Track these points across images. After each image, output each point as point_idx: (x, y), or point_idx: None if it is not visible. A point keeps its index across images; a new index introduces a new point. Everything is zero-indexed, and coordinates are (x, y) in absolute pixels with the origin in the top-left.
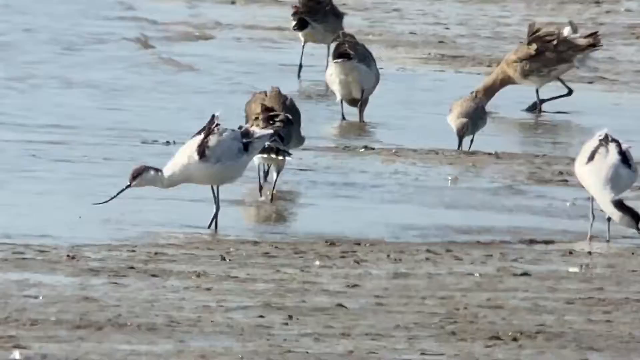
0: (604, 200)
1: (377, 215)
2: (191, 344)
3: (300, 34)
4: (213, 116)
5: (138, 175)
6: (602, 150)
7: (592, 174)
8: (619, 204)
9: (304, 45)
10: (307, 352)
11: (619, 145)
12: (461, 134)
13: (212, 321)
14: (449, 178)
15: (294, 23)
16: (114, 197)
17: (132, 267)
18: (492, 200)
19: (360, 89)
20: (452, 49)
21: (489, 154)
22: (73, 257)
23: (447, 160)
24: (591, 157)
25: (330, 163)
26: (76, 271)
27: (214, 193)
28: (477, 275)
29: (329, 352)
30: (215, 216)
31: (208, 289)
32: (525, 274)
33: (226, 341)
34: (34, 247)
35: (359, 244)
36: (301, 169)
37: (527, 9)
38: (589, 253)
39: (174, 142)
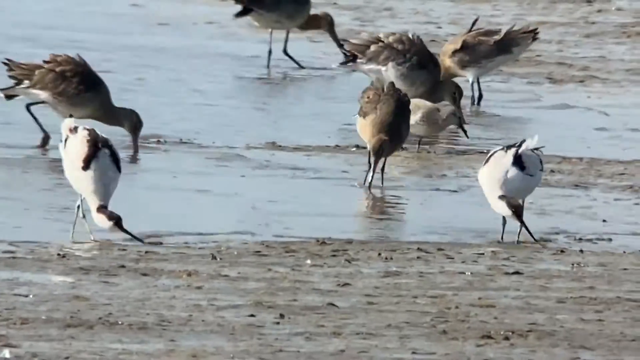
0: (492, 199)
1: (367, 214)
2: (182, 343)
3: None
4: None
5: None
6: (499, 154)
7: (486, 176)
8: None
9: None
10: (299, 352)
11: (516, 150)
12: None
13: (203, 320)
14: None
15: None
16: None
17: (122, 266)
18: (484, 199)
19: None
20: None
21: (481, 152)
22: (64, 256)
23: (439, 159)
24: (487, 161)
25: (324, 162)
26: (67, 270)
27: None
28: (469, 274)
29: (320, 351)
30: None
31: (199, 288)
32: (516, 272)
33: (217, 340)
34: (25, 246)
35: (350, 242)
36: (294, 168)
37: (518, 8)
38: (581, 251)
39: (165, 142)
